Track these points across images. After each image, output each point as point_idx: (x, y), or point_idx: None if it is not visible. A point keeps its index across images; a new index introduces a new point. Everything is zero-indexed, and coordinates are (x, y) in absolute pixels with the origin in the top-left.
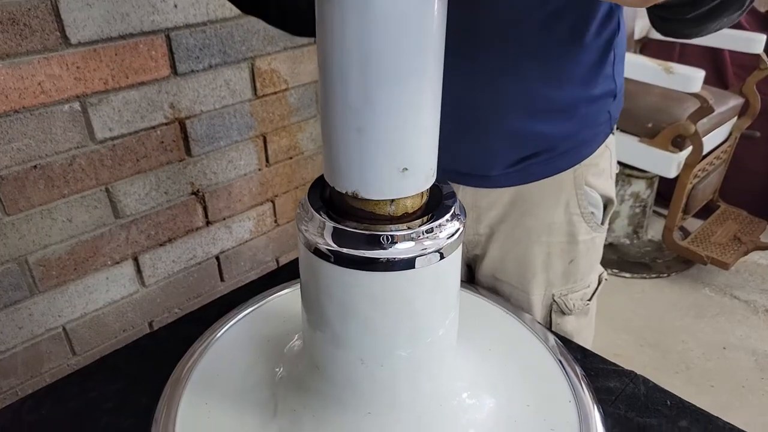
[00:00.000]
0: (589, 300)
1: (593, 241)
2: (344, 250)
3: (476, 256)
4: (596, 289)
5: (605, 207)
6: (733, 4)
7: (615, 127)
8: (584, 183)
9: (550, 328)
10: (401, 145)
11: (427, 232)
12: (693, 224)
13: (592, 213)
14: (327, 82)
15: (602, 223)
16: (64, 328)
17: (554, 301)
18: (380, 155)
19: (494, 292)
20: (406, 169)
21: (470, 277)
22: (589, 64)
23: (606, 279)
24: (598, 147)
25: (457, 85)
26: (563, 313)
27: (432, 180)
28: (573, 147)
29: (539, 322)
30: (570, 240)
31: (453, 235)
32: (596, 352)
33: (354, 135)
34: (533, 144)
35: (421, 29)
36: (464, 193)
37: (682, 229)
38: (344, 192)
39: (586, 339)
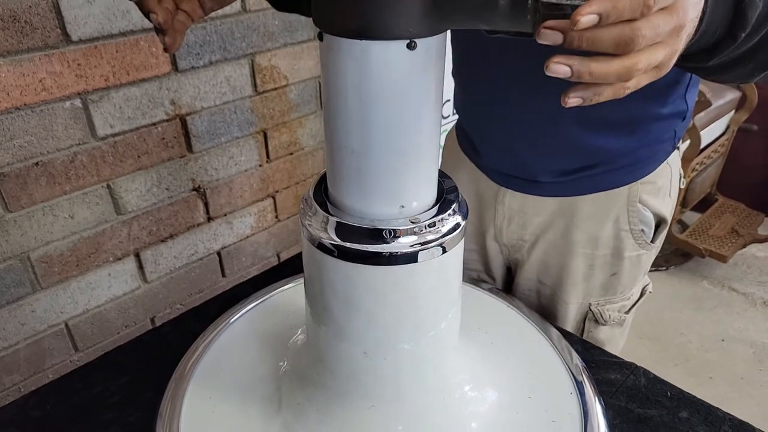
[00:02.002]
0: (627, 312)
1: (639, 258)
2: (347, 245)
3: (517, 260)
4: (637, 301)
5: (658, 225)
6: (759, 55)
7: (679, 144)
8: (638, 200)
9: (581, 335)
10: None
11: (430, 226)
12: (691, 217)
13: (642, 231)
14: (329, 122)
15: (652, 242)
16: (66, 325)
17: (590, 310)
18: (378, 191)
19: (534, 294)
20: (403, 206)
21: (509, 279)
22: (662, 82)
23: (650, 292)
24: (658, 166)
25: (516, 90)
26: (597, 322)
27: (429, 212)
28: (630, 163)
29: (568, 331)
30: (615, 254)
31: (455, 229)
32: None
33: (354, 174)
34: (588, 155)
35: (415, 83)
36: (512, 199)
37: (680, 222)
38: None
39: (616, 347)
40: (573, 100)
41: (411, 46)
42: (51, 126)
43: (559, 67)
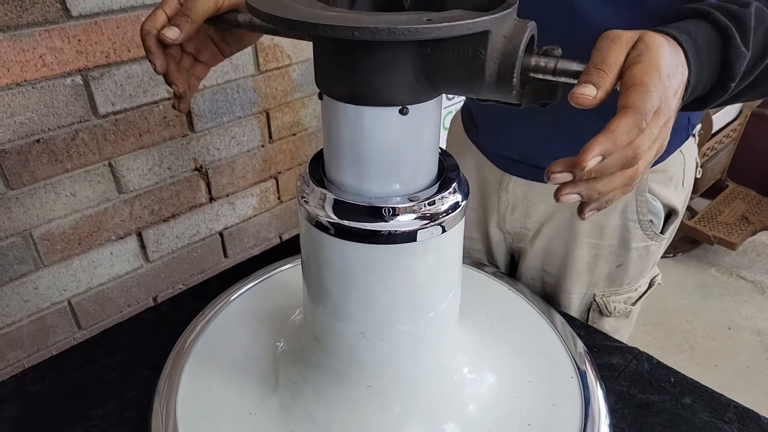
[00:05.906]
0: (633, 304)
1: (647, 249)
2: (345, 223)
3: (521, 249)
4: (644, 293)
5: (668, 216)
6: (756, 90)
7: (695, 132)
8: (646, 190)
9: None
10: None
11: (429, 204)
12: (700, 203)
13: (651, 221)
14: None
15: (662, 233)
16: (69, 302)
17: (595, 301)
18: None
19: (538, 282)
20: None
21: (512, 266)
22: None
23: (659, 283)
24: (670, 154)
25: None
26: (602, 314)
27: (429, 190)
28: None
29: (571, 316)
30: (621, 245)
31: (455, 208)
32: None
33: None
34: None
35: (407, 142)
36: (516, 186)
37: (689, 208)
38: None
39: (621, 338)
40: (590, 213)
41: (403, 112)
42: (52, 103)
43: (569, 197)
